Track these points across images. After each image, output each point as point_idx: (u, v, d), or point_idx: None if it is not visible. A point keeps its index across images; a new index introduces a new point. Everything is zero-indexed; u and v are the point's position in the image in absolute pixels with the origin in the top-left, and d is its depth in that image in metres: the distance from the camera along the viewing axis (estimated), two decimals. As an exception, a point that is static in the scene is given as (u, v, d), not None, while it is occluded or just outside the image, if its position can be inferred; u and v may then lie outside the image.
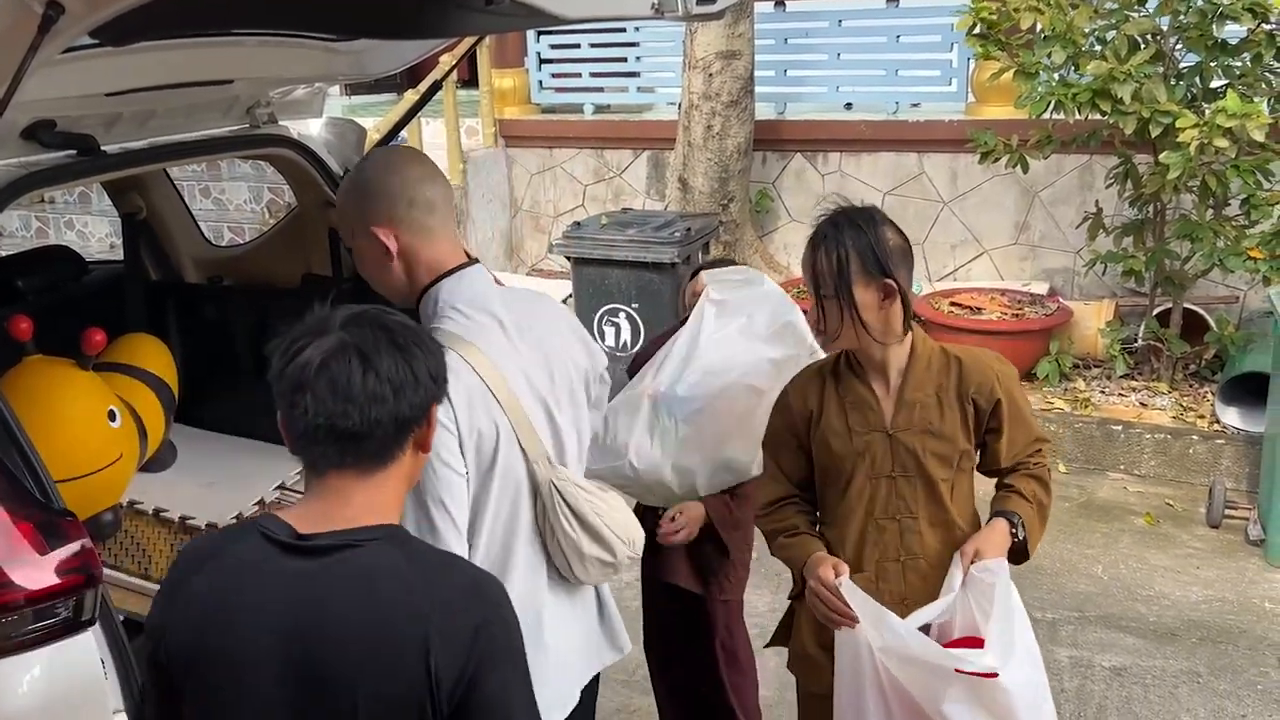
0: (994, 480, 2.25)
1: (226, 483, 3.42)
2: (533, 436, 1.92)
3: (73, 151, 2.66)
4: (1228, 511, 4.58)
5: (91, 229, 8.48)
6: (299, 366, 1.40)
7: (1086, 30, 4.97)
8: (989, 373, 2.14)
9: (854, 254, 2.01)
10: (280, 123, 3.38)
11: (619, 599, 2.28)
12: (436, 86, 3.81)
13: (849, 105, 7.37)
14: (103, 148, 2.72)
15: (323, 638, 1.35)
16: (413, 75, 8.64)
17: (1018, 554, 2.15)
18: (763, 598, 4.07)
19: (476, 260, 2.01)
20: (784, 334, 2.50)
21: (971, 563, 2.08)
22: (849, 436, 2.14)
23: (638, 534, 2.09)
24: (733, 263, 2.84)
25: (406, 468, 1.48)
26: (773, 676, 3.62)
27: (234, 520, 3.13)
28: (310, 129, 3.55)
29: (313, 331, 1.43)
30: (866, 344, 2.08)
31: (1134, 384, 5.59)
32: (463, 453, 1.82)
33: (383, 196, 1.91)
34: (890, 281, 2.02)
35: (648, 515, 2.60)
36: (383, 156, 2.05)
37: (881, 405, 2.13)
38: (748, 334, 2.50)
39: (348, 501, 1.42)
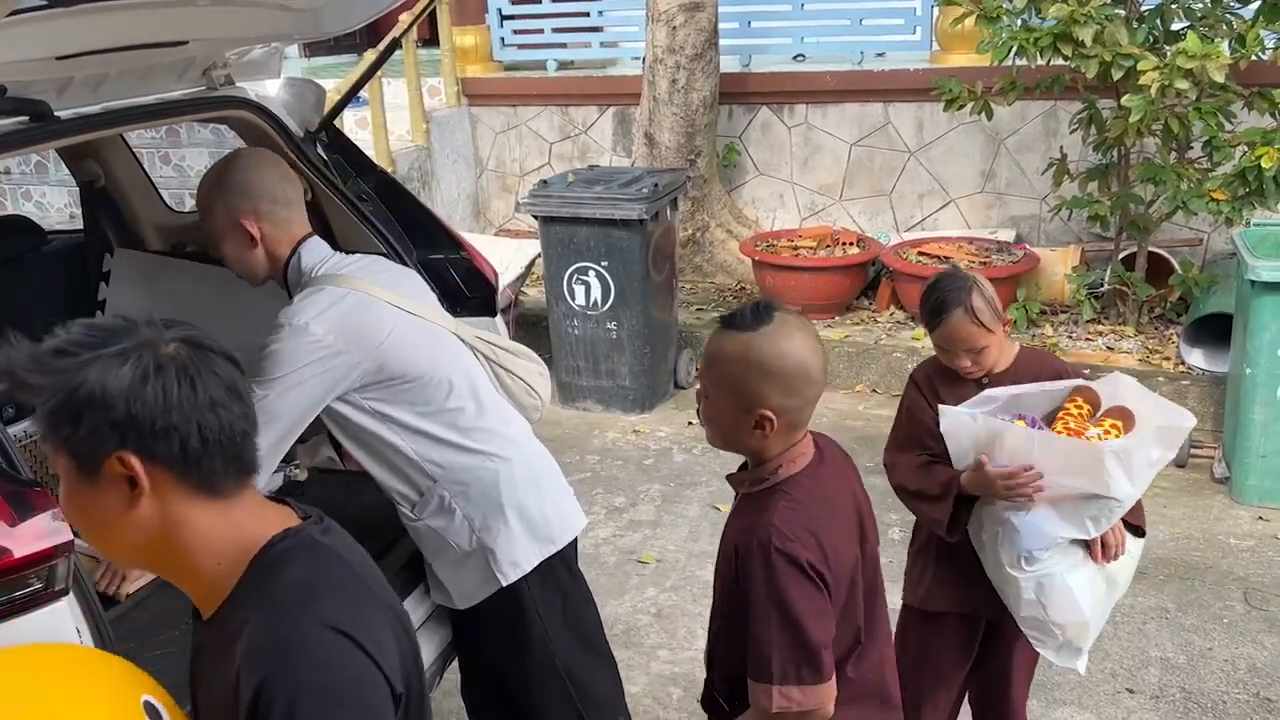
0: None
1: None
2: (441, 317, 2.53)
3: (25, 118, 2.60)
4: (1193, 451, 4.65)
5: (50, 199, 8.33)
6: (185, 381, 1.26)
7: (1048, -28, 4.96)
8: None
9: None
10: (238, 84, 3.32)
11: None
12: (395, 44, 3.76)
13: (798, 57, 7.31)
14: (56, 113, 2.67)
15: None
16: (373, 35, 8.52)
17: None
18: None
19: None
20: None
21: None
22: None
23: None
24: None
25: None
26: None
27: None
28: (268, 90, 3.49)
29: (147, 344, 1.26)
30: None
31: (1100, 328, 5.65)
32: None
33: (249, 194, 2.36)
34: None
35: None
36: (247, 159, 2.44)
37: None
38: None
39: (265, 505, 1.41)
